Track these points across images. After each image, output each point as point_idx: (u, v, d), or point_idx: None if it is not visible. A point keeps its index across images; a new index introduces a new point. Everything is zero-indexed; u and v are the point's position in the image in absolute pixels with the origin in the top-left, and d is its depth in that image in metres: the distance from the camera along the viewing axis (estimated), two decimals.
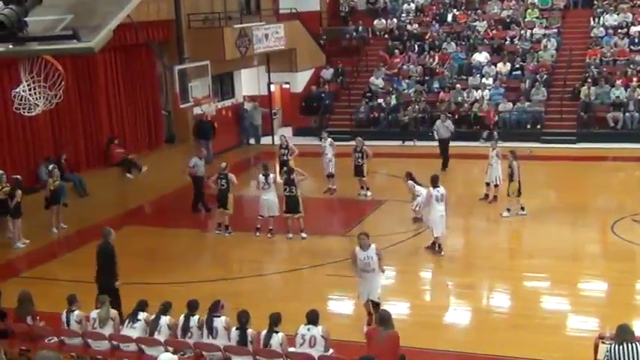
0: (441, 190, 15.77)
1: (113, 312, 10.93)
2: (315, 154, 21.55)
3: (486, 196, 19.38)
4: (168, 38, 23.25)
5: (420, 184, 17.60)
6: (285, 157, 21.01)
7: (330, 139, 21.27)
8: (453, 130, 23.70)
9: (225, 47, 24.33)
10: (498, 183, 19.07)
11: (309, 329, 9.97)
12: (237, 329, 10.09)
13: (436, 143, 23.82)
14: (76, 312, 11.01)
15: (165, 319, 10.58)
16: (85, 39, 6.29)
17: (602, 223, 17.63)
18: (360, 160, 20.11)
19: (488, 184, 19.33)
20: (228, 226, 17.94)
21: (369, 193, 20.46)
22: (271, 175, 17.61)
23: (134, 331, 10.66)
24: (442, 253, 15.79)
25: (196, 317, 10.54)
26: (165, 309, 10.73)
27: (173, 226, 19.15)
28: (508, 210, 18.22)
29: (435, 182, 15.82)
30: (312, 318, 10.06)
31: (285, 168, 18.58)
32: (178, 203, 21.81)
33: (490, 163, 19.11)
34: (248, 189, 21.29)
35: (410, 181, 17.78)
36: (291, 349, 9.96)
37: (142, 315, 10.78)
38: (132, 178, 22.34)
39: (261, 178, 17.50)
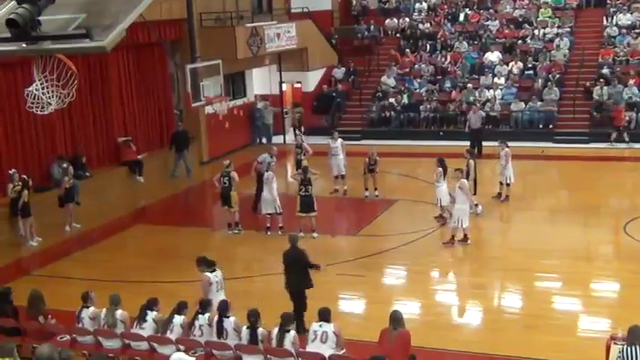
0: (466, 182, 16.18)
1: (124, 315, 10.94)
2: (327, 154, 21.54)
3: (499, 194, 19.35)
4: (180, 37, 23.32)
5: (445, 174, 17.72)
6: (299, 157, 21.02)
7: (340, 140, 21.23)
8: (483, 120, 25.22)
9: (237, 46, 24.35)
10: (509, 182, 19.05)
11: (321, 325, 10.02)
12: (247, 328, 10.12)
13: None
14: (91, 309, 11.05)
15: (179, 319, 10.61)
16: (98, 38, 6.29)
17: (615, 224, 17.54)
18: (373, 166, 20.15)
19: (501, 183, 19.29)
20: (238, 223, 17.95)
21: (371, 194, 20.46)
22: (267, 173, 17.61)
23: (143, 332, 10.68)
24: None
25: (206, 315, 10.56)
26: (180, 308, 10.74)
27: (184, 225, 19.19)
28: (476, 205, 18.26)
29: (464, 174, 16.39)
30: (324, 315, 10.10)
31: (300, 168, 18.60)
32: (189, 202, 21.90)
33: (501, 163, 19.06)
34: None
35: (440, 169, 17.71)
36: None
37: (150, 315, 10.80)
38: (143, 182, 22.39)
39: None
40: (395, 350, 9.65)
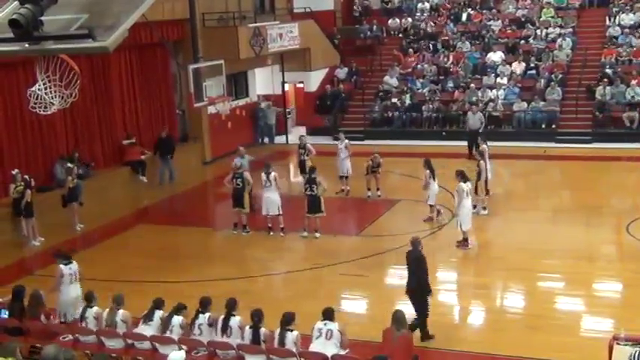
0: (469, 185, 16.16)
1: (126, 314, 10.96)
2: (329, 154, 21.56)
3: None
4: (183, 37, 23.33)
5: (434, 175, 17.77)
6: (303, 157, 21.05)
7: (346, 141, 21.23)
8: (483, 121, 24.96)
9: (239, 46, 24.38)
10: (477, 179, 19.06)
11: (325, 324, 10.06)
12: (250, 327, 10.13)
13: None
14: (95, 309, 11.06)
15: (177, 319, 10.62)
16: (100, 38, 6.32)
17: (617, 224, 17.54)
18: (375, 169, 20.18)
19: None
20: (245, 225, 17.97)
21: (374, 194, 20.49)
22: (272, 174, 17.62)
23: (149, 328, 10.71)
24: (470, 246, 16.04)
25: (207, 315, 10.58)
26: (178, 309, 10.76)
27: (186, 225, 19.20)
28: (484, 208, 18.31)
29: (466, 177, 16.20)
30: (328, 314, 10.17)
31: (303, 169, 18.65)
32: (191, 202, 21.90)
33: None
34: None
35: (427, 171, 17.77)
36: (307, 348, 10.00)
37: (157, 314, 10.82)
38: (146, 182, 22.46)
39: (263, 176, 17.54)
40: (397, 351, 9.67)
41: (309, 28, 28.92)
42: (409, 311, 11.03)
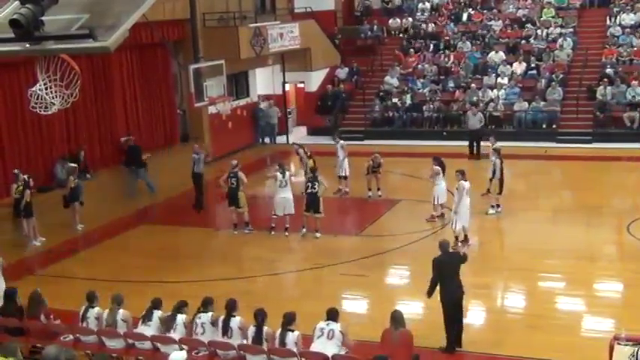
0: (469, 183, 16.13)
1: (126, 314, 10.95)
2: (329, 154, 21.56)
3: (488, 190, 19.34)
4: (183, 37, 23.31)
5: (444, 172, 17.82)
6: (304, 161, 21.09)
7: (341, 141, 21.23)
8: (483, 121, 25.38)
9: (240, 46, 24.38)
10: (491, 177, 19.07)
11: (328, 324, 10.04)
12: (254, 326, 10.13)
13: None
14: (96, 309, 11.06)
15: (181, 318, 10.63)
16: (101, 38, 6.31)
17: (618, 224, 17.54)
18: (376, 169, 20.21)
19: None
20: (248, 222, 18.00)
21: (374, 194, 20.48)
22: (287, 173, 17.70)
23: (149, 329, 10.70)
24: (470, 244, 16.03)
25: (209, 314, 10.58)
26: (180, 307, 10.77)
27: (187, 225, 19.20)
28: (492, 207, 18.33)
29: (465, 175, 16.18)
30: (332, 315, 10.14)
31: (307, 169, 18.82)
32: (192, 202, 21.88)
33: (490, 159, 19.10)
34: (262, 188, 21.37)
35: (436, 167, 17.77)
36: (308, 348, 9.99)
37: (156, 314, 10.82)
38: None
39: (279, 176, 17.57)
40: (398, 350, 9.67)
41: (309, 28, 28.92)
42: (409, 310, 11.02)
